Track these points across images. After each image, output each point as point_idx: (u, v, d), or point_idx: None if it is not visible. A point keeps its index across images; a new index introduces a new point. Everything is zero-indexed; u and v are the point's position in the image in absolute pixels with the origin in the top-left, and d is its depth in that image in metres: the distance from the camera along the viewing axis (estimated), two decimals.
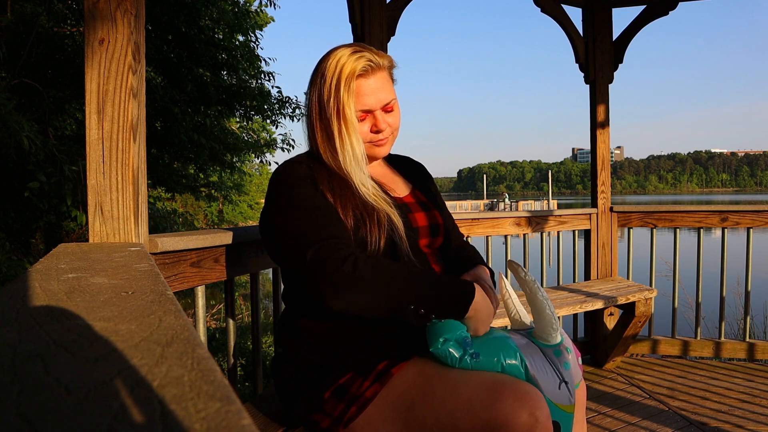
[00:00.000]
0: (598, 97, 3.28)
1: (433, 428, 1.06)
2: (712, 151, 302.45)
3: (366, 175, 1.25)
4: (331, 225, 1.13)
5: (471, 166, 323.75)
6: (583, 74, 3.31)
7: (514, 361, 1.09)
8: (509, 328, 1.30)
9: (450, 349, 1.08)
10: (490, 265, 1.43)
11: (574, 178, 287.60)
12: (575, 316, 3.26)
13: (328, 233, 1.11)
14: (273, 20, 10.79)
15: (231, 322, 1.64)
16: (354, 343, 1.19)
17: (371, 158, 1.33)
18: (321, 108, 1.23)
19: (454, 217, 2.02)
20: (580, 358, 1.23)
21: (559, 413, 1.10)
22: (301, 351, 1.24)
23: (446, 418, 1.04)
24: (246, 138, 8.86)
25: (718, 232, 3.24)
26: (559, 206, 46.35)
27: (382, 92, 1.24)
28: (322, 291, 1.06)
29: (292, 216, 1.14)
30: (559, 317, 2.83)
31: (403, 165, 1.48)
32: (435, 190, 1.49)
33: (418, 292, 1.09)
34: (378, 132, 1.26)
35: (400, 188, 1.38)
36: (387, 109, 1.26)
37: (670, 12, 3.15)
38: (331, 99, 1.20)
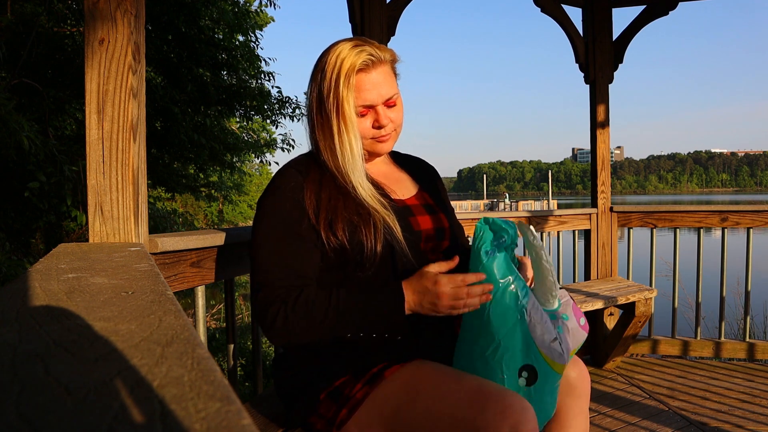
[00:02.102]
0: (598, 97, 3.28)
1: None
2: (712, 151, 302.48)
3: (364, 176, 1.23)
4: (289, 264, 1.17)
5: (471, 166, 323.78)
6: (583, 74, 3.31)
7: (512, 289, 1.12)
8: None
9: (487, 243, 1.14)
10: None
11: (574, 178, 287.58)
12: None
13: (280, 275, 1.16)
14: (273, 20, 10.79)
15: (231, 322, 1.64)
16: (350, 347, 1.18)
17: (374, 155, 1.30)
18: (320, 104, 1.21)
19: None
20: (582, 319, 1.23)
21: (545, 366, 1.11)
22: (301, 352, 1.24)
23: (430, 426, 1.03)
24: (246, 138, 8.86)
25: (718, 232, 3.24)
26: (559, 206, 46.36)
27: (383, 87, 1.21)
28: (266, 335, 1.18)
29: (261, 246, 1.19)
30: None
31: (412, 165, 1.45)
32: (444, 193, 1.46)
33: (349, 324, 1.13)
34: (380, 127, 1.23)
35: (405, 189, 1.35)
36: (389, 104, 1.24)
37: (670, 12, 3.15)
38: (330, 95, 1.18)
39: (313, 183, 1.21)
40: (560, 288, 1.25)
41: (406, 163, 1.44)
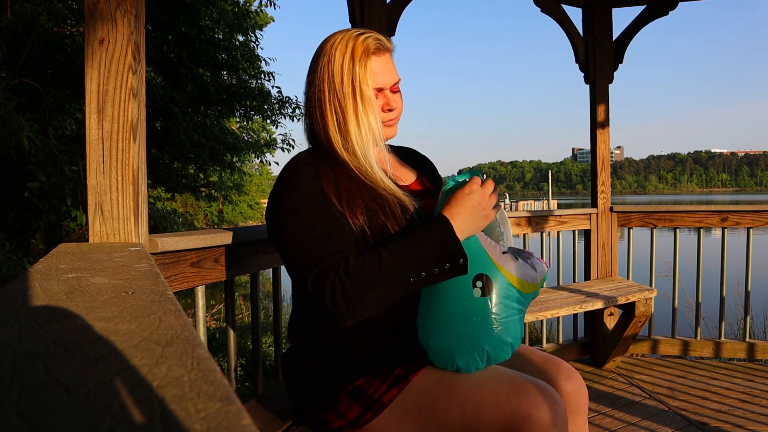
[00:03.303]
0: (598, 97, 3.28)
1: (456, 421, 1.09)
2: (712, 151, 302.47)
3: (385, 155, 1.25)
4: (329, 241, 1.12)
5: (471, 166, 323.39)
6: (583, 74, 3.31)
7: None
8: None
9: None
10: None
11: (574, 178, 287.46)
12: (575, 316, 3.26)
13: (324, 252, 1.10)
14: (273, 20, 10.79)
15: (231, 321, 1.64)
16: (370, 347, 1.19)
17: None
18: (332, 89, 1.18)
19: None
20: (534, 258, 1.25)
21: (497, 273, 1.14)
22: (316, 351, 1.23)
23: (471, 410, 1.08)
24: (246, 138, 8.86)
25: (718, 232, 3.24)
26: (559, 206, 46.30)
27: (392, 71, 1.25)
28: (332, 317, 1.11)
29: (293, 233, 1.13)
30: (559, 317, 2.84)
31: (407, 154, 1.46)
32: (440, 179, 1.47)
33: (409, 267, 1.09)
34: (390, 110, 1.25)
35: (406, 175, 1.36)
36: (394, 89, 1.26)
37: (670, 12, 3.15)
38: (345, 77, 1.17)
39: (326, 170, 1.19)
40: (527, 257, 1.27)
41: (401, 152, 1.46)
